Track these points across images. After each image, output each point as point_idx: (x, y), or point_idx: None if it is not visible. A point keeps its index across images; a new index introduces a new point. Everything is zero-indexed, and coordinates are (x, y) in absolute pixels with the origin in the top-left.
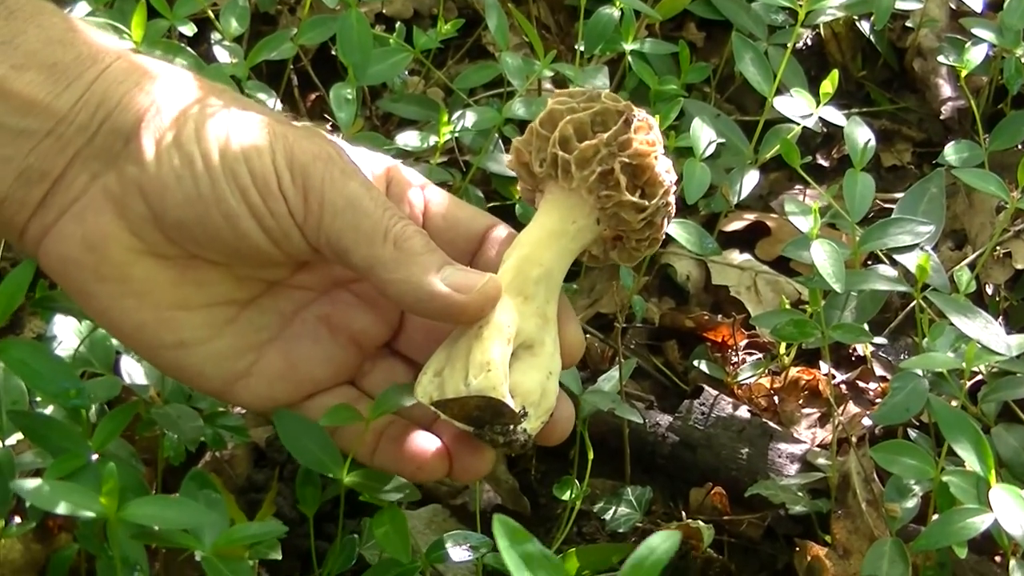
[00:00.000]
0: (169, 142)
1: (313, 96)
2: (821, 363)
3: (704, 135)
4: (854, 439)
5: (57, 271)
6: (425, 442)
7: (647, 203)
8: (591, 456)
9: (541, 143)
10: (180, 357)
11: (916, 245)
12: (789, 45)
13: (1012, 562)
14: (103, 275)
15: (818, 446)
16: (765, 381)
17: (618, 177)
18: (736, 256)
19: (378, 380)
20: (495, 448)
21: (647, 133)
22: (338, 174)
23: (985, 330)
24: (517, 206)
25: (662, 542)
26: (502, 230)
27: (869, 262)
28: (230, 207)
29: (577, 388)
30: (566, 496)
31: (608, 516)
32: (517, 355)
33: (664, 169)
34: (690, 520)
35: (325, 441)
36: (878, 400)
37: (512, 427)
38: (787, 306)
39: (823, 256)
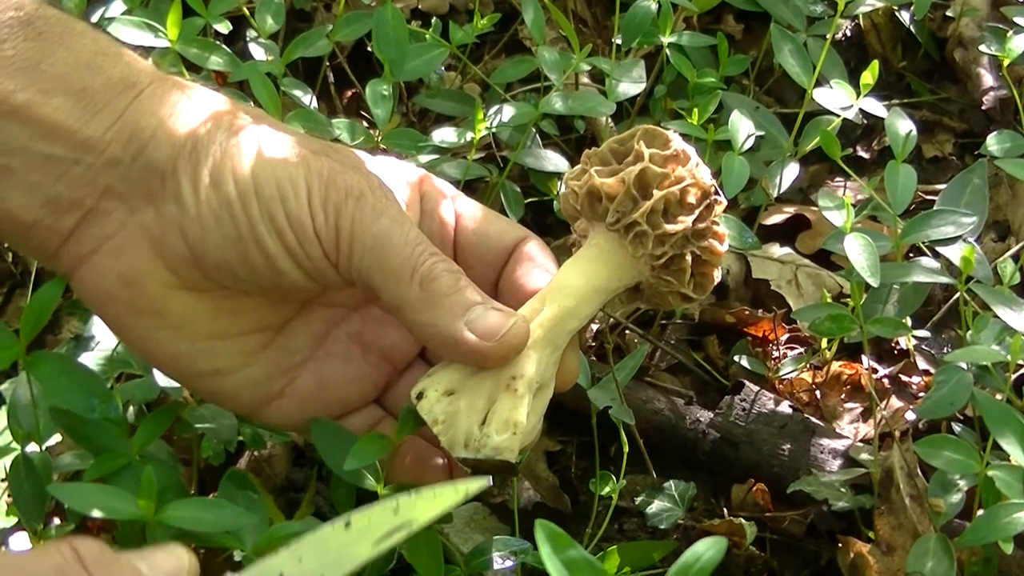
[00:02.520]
0: (207, 183)
1: (349, 93)
2: (863, 357)
3: (743, 128)
4: (897, 434)
5: (92, 303)
6: (426, 458)
7: (695, 297)
8: (626, 450)
9: (628, 203)
10: (215, 384)
11: (959, 237)
12: (828, 36)
13: None
14: (139, 309)
15: (861, 441)
16: (807, 376)
17: (685, 267)
18: (776, 250)
19: (401, 393)
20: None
21: (722, 225)
22: (368, 212)
23: None
24: (555, 202)
25: (708, 549)
26: (532, 243)
27: (911, 255)
28: (268, 248)
29: (586, 383)
30: (604, 491)
31: (649, 510)
32: None
33: (722, 273)
34: (732, 517)
35: None
36: (921, 394)
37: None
38: (828, 300)
39: (857, 249)
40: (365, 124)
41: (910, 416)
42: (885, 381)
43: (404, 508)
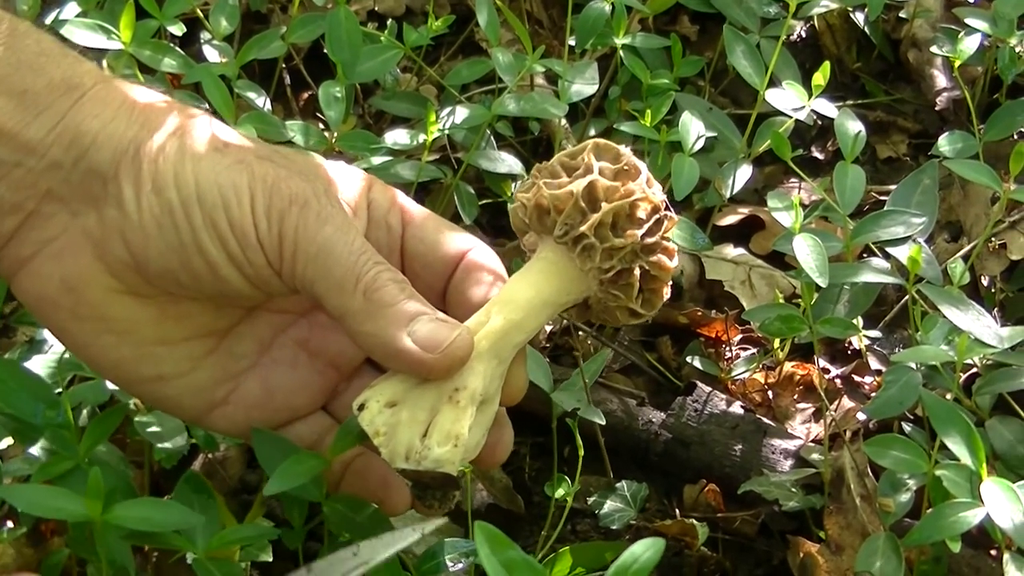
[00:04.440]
0: (148, 188)
1: (306, 95)
2: (816, 357)
3: (693, 129)
4: (848, 434)
5: (34, 307)
6: (390, 480)
7: (643, 313)
8: (581, 453)
9: (576, 215)
10: (158, 389)
11: (909, 237)
12: (781, 37)
13: (1006, 556)
14: (81, 314)
15: (812, 441)
16: (759, 376)
17: (633, 282)
18: (730, 250)
19: (349, 400)
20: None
21: (672, 241)
22: (312, 219)
23: (977, 322)
24: (509, 204)
25: (646, 549)
26: (480, 253)
27: (865, 255)
28: (211, 256)
29: (548, 386)
30: (558, 494)
31: (602, 511)
32: None
33: (674, 279)
34: (684, 517)
35: None
36: (873, 394)
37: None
38: (781, 300)
39: (806, 250)
40: (321, 126)
41: (861, 416)
42: (837, 381)
43: (364, 551)
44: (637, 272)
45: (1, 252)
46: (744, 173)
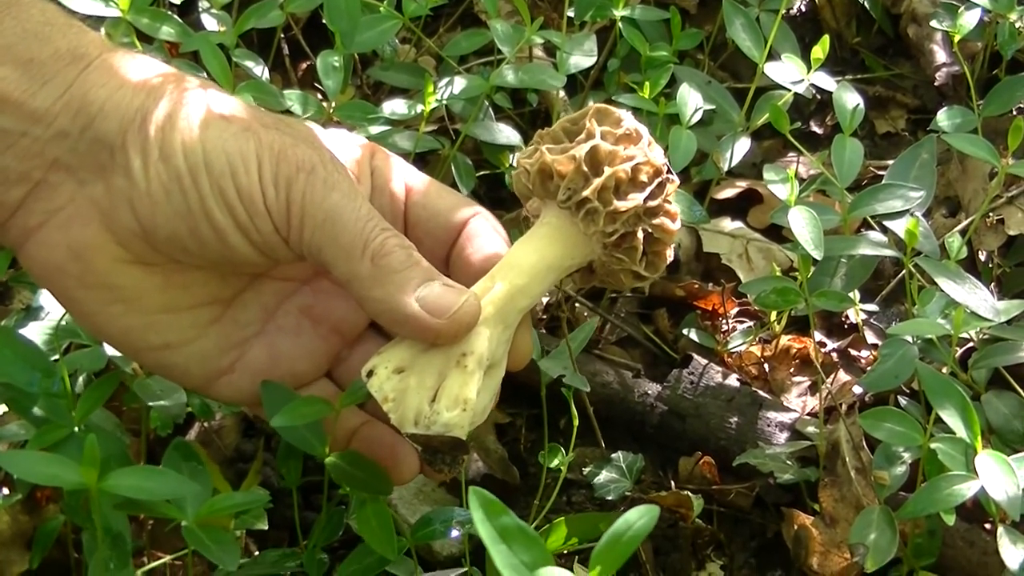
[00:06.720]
0: (156, 156)
1: (304, 65)
2: (812, 330)
3: (691, 101)
4: (844, 407)
5: (41, 276)
6: (398, 449)
7: (647, 276)
8: (576, 423)
9: (579, 180)
10: (165, 357)
11: (907, 211)
12: (780, 10)
13: (1000, 529)
14: (89, 283)
15: (808, 414)
16: (756, 349)
17: (636, 245)
18: (728, 224)
19: (354, 367)
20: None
21: (674, 204)
22: (320, 186)
23: (973, 295)
24: (507, 175)
25: (639, 517)
26: (483, 219)
27: (862, 229)
28: (218, 223)
29: (537, 354)
30: (552, 464)
31: (597, 481)
32: None
33: (673, 248)
34: (679, 489)
35: None
36: (869, 367)
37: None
38: (778, 273)
39: (801, 223)
40: (319, 96)
41: (858, 390)
42: (834, 355)
43: None
44: (640, 235)
45: (9, 222)
46: (742, 146)
